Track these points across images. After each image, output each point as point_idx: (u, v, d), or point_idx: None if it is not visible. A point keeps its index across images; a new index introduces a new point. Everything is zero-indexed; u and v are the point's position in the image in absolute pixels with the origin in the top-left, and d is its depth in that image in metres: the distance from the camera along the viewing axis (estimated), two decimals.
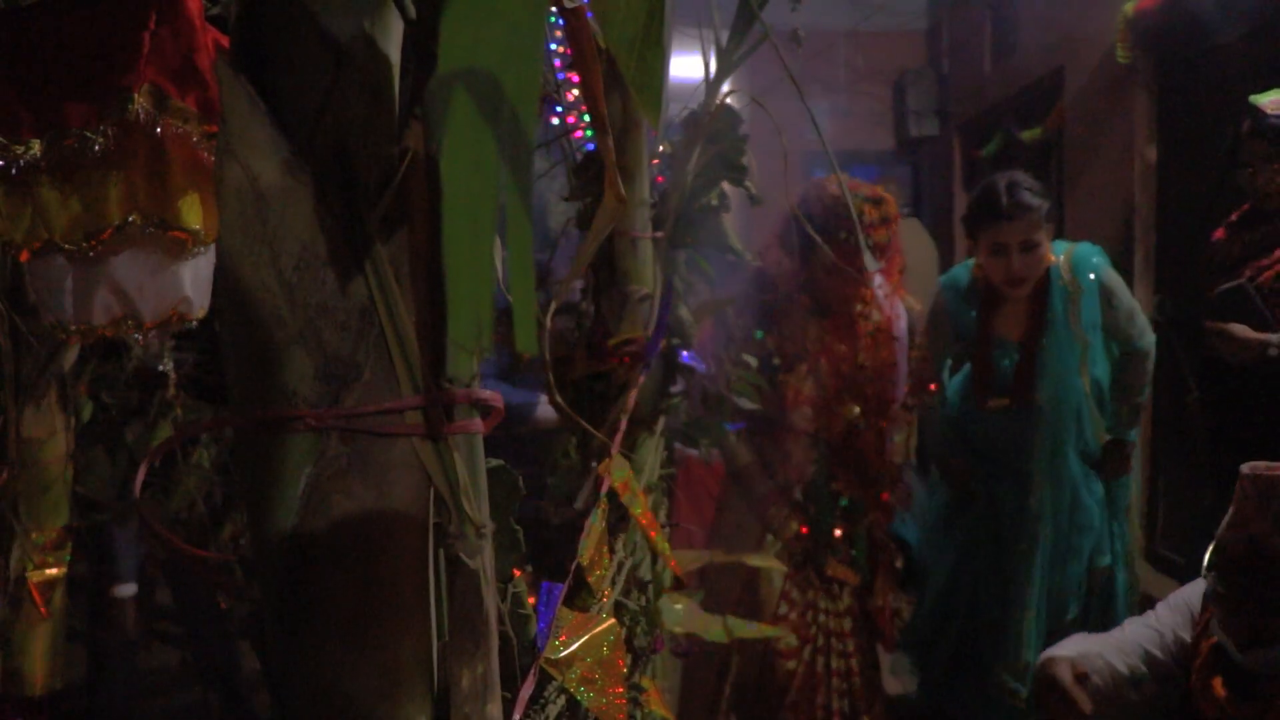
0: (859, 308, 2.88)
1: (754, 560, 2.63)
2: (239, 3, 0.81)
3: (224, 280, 0.82)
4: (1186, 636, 1.97)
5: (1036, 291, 3.03)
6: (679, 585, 1.94)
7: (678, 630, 2.06)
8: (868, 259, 1.92)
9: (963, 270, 3.26)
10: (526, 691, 0.96)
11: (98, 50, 1.39)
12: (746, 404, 2.71)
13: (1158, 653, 2.01)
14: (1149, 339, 3.05)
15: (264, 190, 0.80)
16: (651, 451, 2.51)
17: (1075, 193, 4.89)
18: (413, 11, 0.87)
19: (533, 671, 0.99)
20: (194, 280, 1.80)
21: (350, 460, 0.82)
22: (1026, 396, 3.07)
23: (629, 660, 1.80)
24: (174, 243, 1.69)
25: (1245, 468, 1.78)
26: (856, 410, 2.86)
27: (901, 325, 2.97)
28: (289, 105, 0.81)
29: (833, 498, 2.87)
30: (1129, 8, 4.12)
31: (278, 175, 0.80)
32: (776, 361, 2.88)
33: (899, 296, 3.02)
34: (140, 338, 1.81)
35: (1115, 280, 3.07)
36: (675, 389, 2.63)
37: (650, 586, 2.04)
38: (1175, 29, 4.03)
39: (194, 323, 1.87)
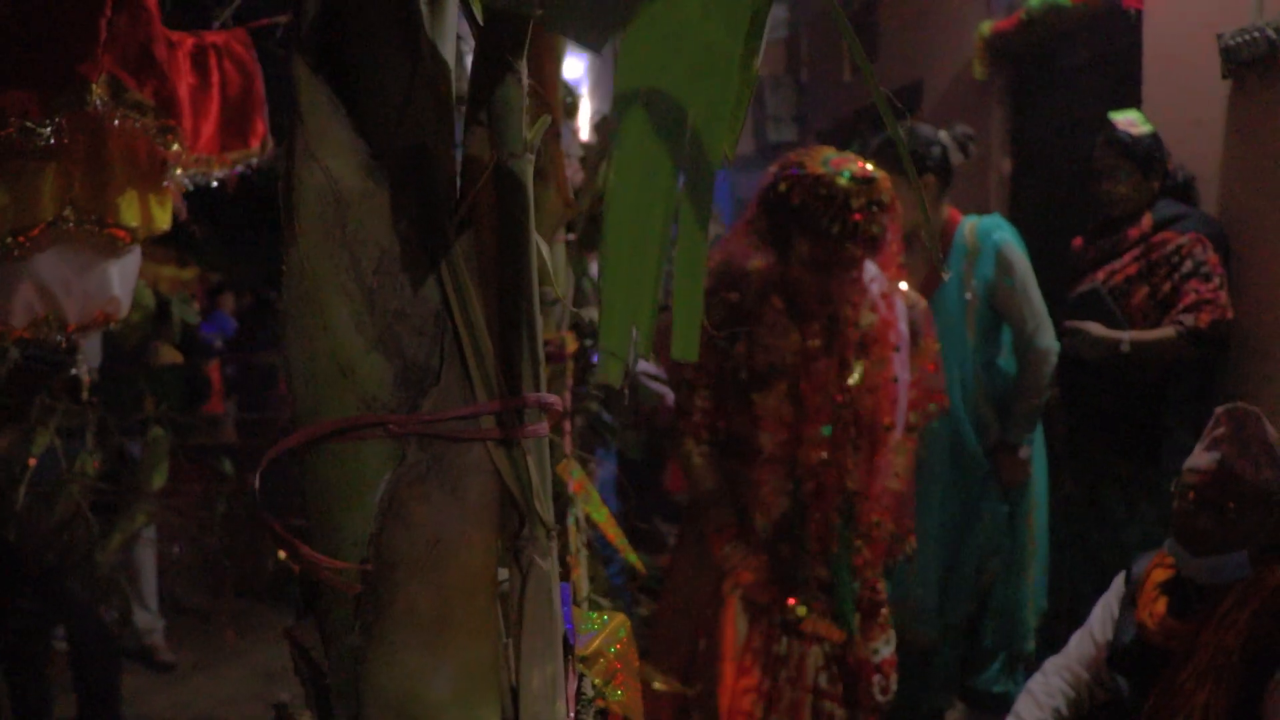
0: (848, 311, 2.35)
1: (655, 682, 2.24)
2: (318, 3, 0.80)
3: (299, 285, 0.80)
4: (1114, 615, 2.15)
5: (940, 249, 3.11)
6: (638, 580, 1.98)
7: None
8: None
9: None
10: (573, 688, 0.98)
11: (51, 37, 1.31)
12: (653, 382, 2.75)
13: (1081, 670, 2.19)
14: (1047, 339, 3.14)
15: (344, 193, 0.79)
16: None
17: None
18: (481, 18, 0.87)
19: (572, 668, 1.00)
20: (122, 280, 1.72)
21: (429, 466, 0.82)
22: None
23: None
24: (107, 240, 1.61)
25: (1220, 408, 2.00)
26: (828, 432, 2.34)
27: (902, 330, 2.43)
28: (368, 108, 0.80)
29: (809, 538, 2.36)
30: (986, 27, 4.37)
31: (358, 178, 0.79)
32: (744, 376, 2.36)
33: (898, 295, 2.48)
34: (63, 340, 1.71)
35: (1017, 256, 3.16)
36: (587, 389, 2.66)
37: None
38: (1029, 49, 4.31)
39: (116, 325, 1.78)
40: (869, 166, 2.28)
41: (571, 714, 0.94)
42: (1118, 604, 2.15)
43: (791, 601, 2.34)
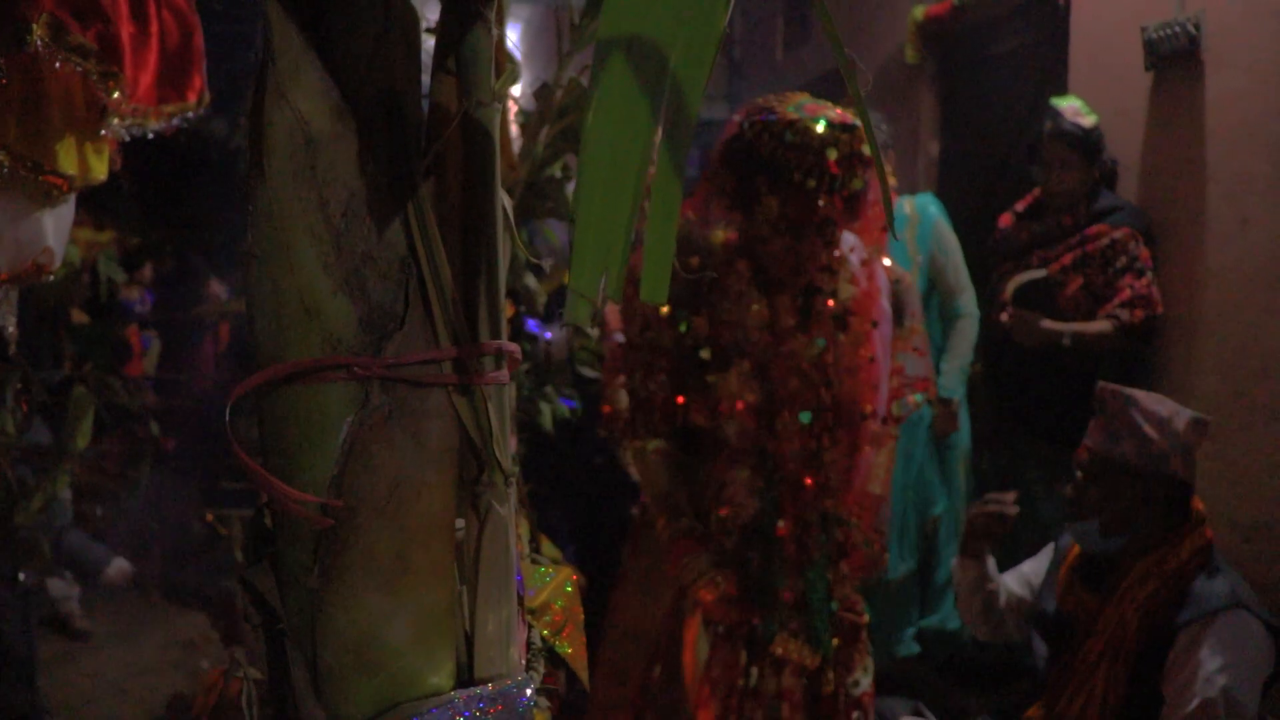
0: (823, 281, 2.02)
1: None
2: None
3: (267, 225, 0.80)
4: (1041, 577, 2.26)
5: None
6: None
7: None
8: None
9: None
10: (523, 636, 0.99)
11: None
12: (588, 372, 2.76)
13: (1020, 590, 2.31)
14: (972, 305, 3.39)
15: (314, 135, 0.79)
16: None
17: None
18: None
19: (522, 618, 1.02)
20: (56, 229, 1.68)
21: (391, 410, 0.83)
22: None
23: None
24: (43, 188, 1.57)
25: (1099, 385, 2.09)
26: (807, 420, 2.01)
27: (884, 307, 2.11)
28: (339, 51, 0.80)
29: (780, 544, 2.01)
30: (918, 12, 4.45)
31: (328, 121, 0.79)
32: (705, 355, 2.02)
33: (879, 265, 2.14)
34: None
35: (948, 231, 3.43)
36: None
37: None
38: (960, 35, 4.39)
39: (51, 276, 1.74)
40: (848, 114, 1.98)
41: (523, 662, 0.95)
42: (1045, 567, 2.24)
43: (755, 620, 2.04)
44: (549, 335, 2.72)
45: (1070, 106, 3.04)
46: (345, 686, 0.83)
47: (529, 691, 0.85)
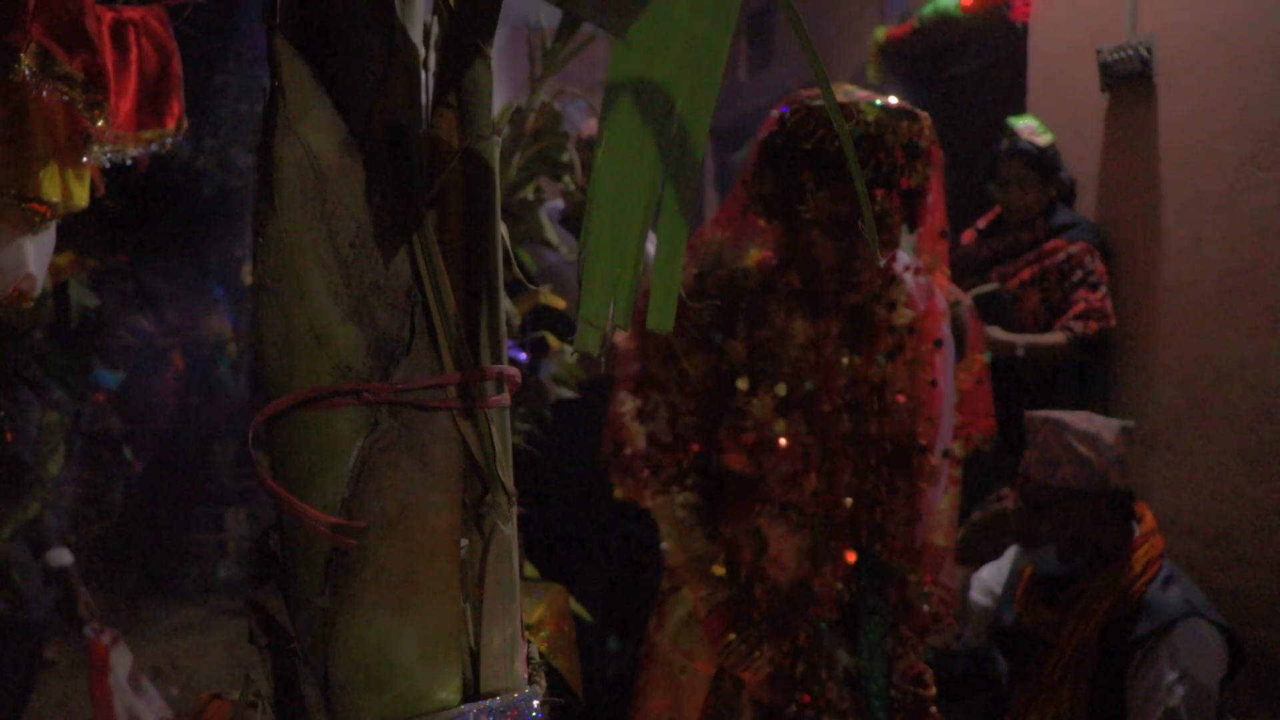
0: (878, 297, 1.77)
1: None
2: None
3: (277, 256, 0.82)
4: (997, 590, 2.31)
5: None
6: None
7: None
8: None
9: None
10: (523, 651, 1.02)
11: None
12: (566, 393, 2.78)
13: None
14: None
15: (324, 169, 0.82)
16: None
17: None
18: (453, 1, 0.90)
19: (522, 633, 1.04)
20: (37, 256, 1.68)
21: (399, 433, 0.85)
22: None
23: None
24: (26, 215, 1.58)
25: (1027, 415, 2.15)
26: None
27: (944, 327, 1.84)
28: (347, 86, 0.83)
29: (828, 608, 1.76)
30: (880, 33, 4.54)
31: (336, 155, 0.82)
32: (743, 385, 1.75)
33: (940, 282, 1.88)
34: None
35: None
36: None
37: None
38: (921, 56, 4.49)
39: (32, 303, 1.74)
40: (906, 104, 1.73)
41: (525, 675, 0.98)
42: (1005, 577, 2.29)
43: (805, 699, 1.72)
44: (523, 358, 2.73)
45: (1026, 126, 3.13)
46: (356, 703, 0.85)
47: (536, 703, 0.88)
